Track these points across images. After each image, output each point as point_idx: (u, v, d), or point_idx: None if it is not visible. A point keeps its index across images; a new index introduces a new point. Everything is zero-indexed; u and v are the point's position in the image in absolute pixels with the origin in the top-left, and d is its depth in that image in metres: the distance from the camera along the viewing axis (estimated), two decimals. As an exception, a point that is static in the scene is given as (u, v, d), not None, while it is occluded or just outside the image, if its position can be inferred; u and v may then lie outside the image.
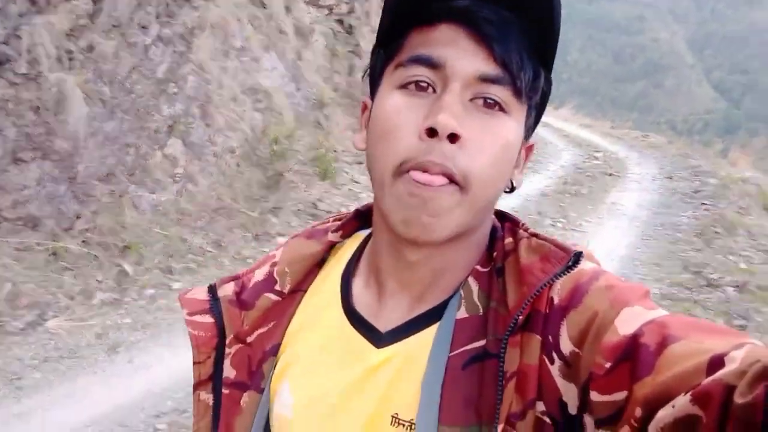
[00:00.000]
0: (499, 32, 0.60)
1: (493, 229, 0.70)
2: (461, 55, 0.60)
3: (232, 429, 0.72)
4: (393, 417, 0.63)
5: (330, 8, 10.86)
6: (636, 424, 0.49)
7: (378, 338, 0.67)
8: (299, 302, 0.75)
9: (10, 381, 3.46)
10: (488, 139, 0.61)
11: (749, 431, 0.40)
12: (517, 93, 0.61)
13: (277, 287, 0.75)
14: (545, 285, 0.60)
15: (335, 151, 8.31)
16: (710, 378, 0.44)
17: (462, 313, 0.64)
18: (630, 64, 52.91)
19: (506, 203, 7.66)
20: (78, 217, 4.69)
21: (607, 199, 8.44)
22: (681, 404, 0.45)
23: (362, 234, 0.78)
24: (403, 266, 0.68)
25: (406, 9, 0.63)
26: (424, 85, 0.62)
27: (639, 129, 16.98)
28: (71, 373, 3.60)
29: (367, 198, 7.25)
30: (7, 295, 3.78)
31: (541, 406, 0.58)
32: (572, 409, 0.57)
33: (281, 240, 6.02)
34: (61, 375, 3.58)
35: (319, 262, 0.77)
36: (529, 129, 0.67)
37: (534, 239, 0.65)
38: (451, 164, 0.59)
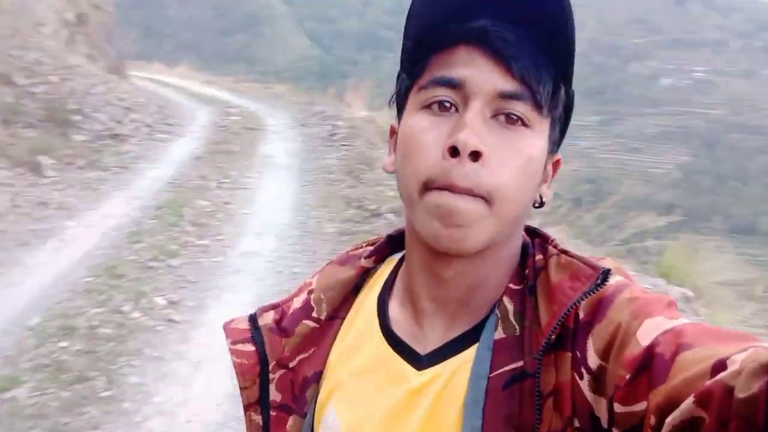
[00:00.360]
0: (515, 49, 0.61)
1: (525, 246, 0.71)
2: (480, 73, 0.62)
3: None
4: None
5: None
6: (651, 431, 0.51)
7: (418, 361, 0.68)
8: (338, 329, 0.76)
9: None
10: (511, 154, 0.62)
11: (751, 427, 0.41)
12: (538, 107, 0.63)
13: (314, 314, 0.76)
14: (575, 304, 0.61)
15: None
16: (711, 380, 0.45)
17: (500, 334, 0.65)
18: (229, 16, 53.91)
19: (162, 174, 7.35)
20: None
21: (259, 153, 8.76)
22: (685, 406, 0.46)
23: (395, 258, 0.79)
24: (436, 284, 0.69)
25: (426, 35, 0.65)
26: (447, 105, 0.63)
27: (255, 81, 17.67)
28: None
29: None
30: None
31: (576, 423, 0.60)
32: (604, 423, 0.58)
33: None
34: None
35: (354, 288, 0.77)
36: (555, 143, 0.68)
37: (564, 256, 0.66)
38: (474, 184, 0.60)
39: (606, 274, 0.61)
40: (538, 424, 0.60)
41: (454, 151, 0.60)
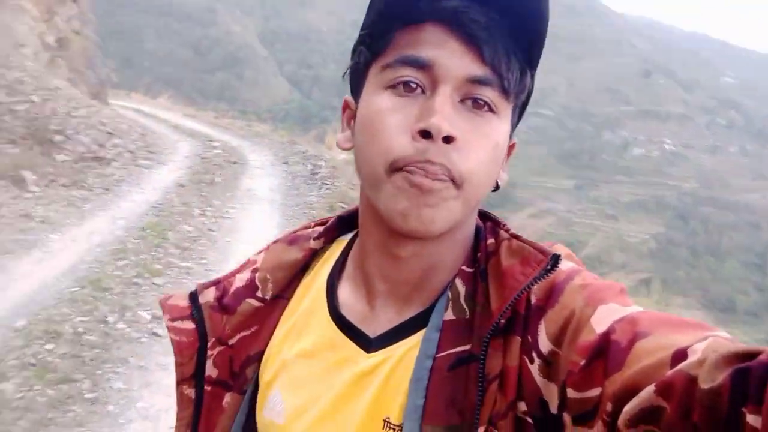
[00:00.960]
0: (487, 34, 0.60)
1: (477, 229, 0.71)
2: (450, 56, 0.60)
3: (214, 426, 0.74)
4: (384, 421, 0.64)
5: None
6: (607, 419, 0.50)
7: (368, 343, 0.68)
8: (283, 309, 0.75)
9: None
10: (479, 140, 0.62)
11: (714, 416, 0.41)
12: (505, 93, 0.62)
13: (259, 293, 0.75)
14: (526, 289, 0.61)
15: None
16: (673, 370, 0.45)
17: (449, 315, 0.65)
18: (208, 55, 54.47)
19: (146, 198, 7.47)
20: None
21: (241, 186, 8.92)
22: (645, 395, 0.46)
23: (345, 239, 0.78)
24: (391, 265, 0.68)
25: (393, 9, 0.62)
26: (413, 86, 0.61)
27: (227, 117, 17.88)
28: None
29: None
30: None
31: (522, 406, 0.60)
32: (553, 408, 0.58)
33: None
34: None
35: (301, 269, 0.77)
36: (513, 126, 0.68)
37: (515, 241, 0.66)
38: (448, 163, 0.60)
39: (556, 259, 0.62)
40: (480, 406, 0.60)
41: (425, 134, 0.59)
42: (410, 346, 0.65)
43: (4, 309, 4.23)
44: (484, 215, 0.72)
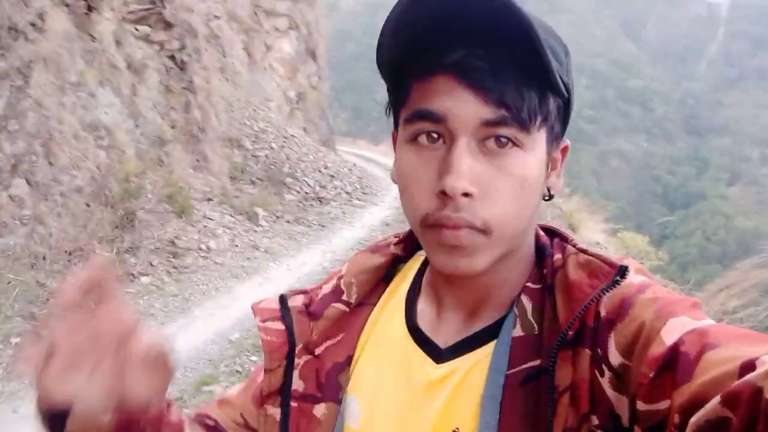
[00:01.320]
0: (494, 79, 0.60)
1: (544, 246, 0.71)
2: (462, 106, 0.61)
3: None
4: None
5: (161, 44, 10.67)
6: (675, 430, 0.50)
7: (438, 354, 0.69)
8: (367, 317, 0.77)
9: None
10: (504, 181, 0.62)
11: None
12: (525, 127, 0.61)
13: (344, 297, 0.77)
14: (593, 300, 0.61)
15: (181, 187, 8.19)
16: (740, 380, 0.45)
17: (518, 332, 0.65)
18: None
19: (353, 235, 8.13)
20: None
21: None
22: (711, 406, 0.46)
23: (422, 254, 0.80)
24: (454, 288, 0.71)
25: (405, 63, 0.64)
26: (435, 136, 0.63)
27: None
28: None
29: (222, 233, 7.26)
30: None
31: (594, 420, 0.59)
32: (624, 421, 0.58)
33: (144, 279, 5.86)
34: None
35: (385, 276, 0.79)
36: (556, 138, 0.68)
37: (582, 255, 0.67)
38: (468, 215, 0.61)
39: (624, 270, 0.62)
40: (552, 419, 0.60)
41: (445, 194, 0.61)
42: (478, 360, 0.66)
43: (225, 324, 4.95)
44: (551, 232, 0.73)
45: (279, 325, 0.76)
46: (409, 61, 0.63)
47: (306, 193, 10.18)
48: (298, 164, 10.70)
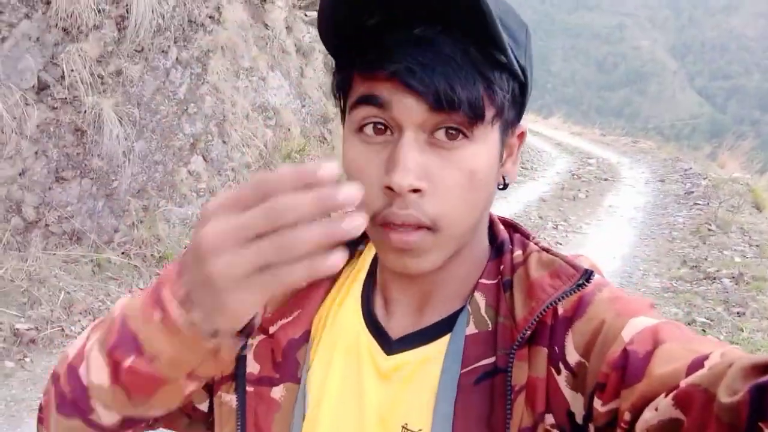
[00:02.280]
0: (428, 76, 0.57)
1: (503, 241, 0.69)
2: (405, 105, 0.58)
3: (269, 428, 0.68)
4: (403, 427, 0.64)
5: (328, 27, 11.15)
6: (625, 426, 0.51)
7: (389, 345, 0.67)
8: (326, 292, 0.73)
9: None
10: (453, 175, 0.59)
11: (732, 430, 0.40)
12: (472, 119, 0.59)
13: None
14: (554, 302, 0.60)
15: (342, 164, 8.64)
16: (689, 380, 0.46)
17: (471, 329, 0.64)
18: (613, 72, 53.81)
19: (509, 209, 8.03)
20: (116, 231, 4.98)
21: (604, 203, 8.80)
22: (663, 407, 0.46)
23: None
24: (402, 282, 0.69)
25: (348, 57, 0.62)
26: (381, 127, 0.60)
27: (628, 135, 17.41)
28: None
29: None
30: (62, 302, 4.06)
31: (550, 419, 0.59)
32: (579, 419, 0.58)
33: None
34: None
35: (348, 252, 0.75)
36: (512, 123, 0.65)
37: (545, 254, 0.66)
38: (416, 212, 0.59)
39: (589, 275, 0.61)
40: (509, 419, 0.59)
41: (392, 190, 0.58)
42: (429, 355, 0.65)
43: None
44: (513, 227, 0.71)
45: None
46: (354, 54, 0.61)
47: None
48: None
